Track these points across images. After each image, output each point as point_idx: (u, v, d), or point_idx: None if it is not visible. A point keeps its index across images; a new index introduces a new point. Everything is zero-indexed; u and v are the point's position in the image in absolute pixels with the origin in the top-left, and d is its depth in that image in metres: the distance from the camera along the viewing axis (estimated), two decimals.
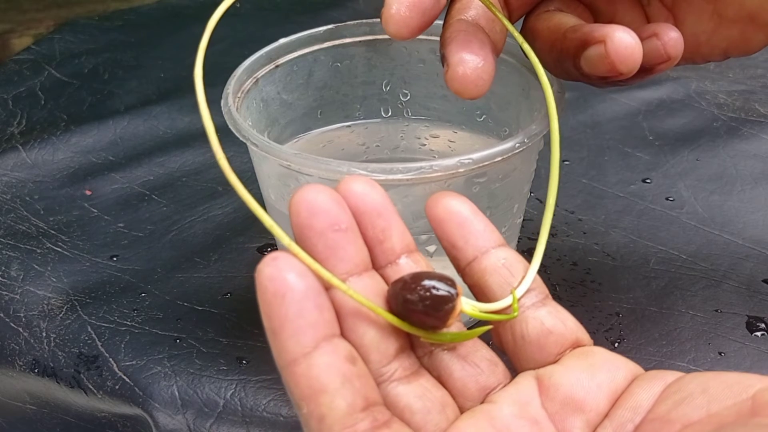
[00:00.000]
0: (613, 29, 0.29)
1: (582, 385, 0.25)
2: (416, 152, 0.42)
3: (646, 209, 0.46)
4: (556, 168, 0.30)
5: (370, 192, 0.25)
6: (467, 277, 0.27)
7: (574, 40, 0.31)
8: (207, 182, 0.49)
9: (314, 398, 0.22)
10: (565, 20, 0.33)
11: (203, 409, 0.35)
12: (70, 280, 0.42)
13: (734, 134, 0.52)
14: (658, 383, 0.24)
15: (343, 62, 0.40)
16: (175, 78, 0.62)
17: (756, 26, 0.32)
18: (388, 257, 0.25)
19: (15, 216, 0.47)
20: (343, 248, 0.24)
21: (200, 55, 0.25)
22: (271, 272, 0.22)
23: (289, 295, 0.22)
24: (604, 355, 0.26)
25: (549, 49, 0.33)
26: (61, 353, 0.38)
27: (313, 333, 0.22)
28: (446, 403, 0.25)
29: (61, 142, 0.53)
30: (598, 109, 0.55)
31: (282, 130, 0.39)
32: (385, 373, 0.24)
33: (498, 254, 0.26)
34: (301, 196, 0.23)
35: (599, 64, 0.30)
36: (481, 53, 0.30)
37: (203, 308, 0.40)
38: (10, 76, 0.62)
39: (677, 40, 0.31)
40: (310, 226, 0.23)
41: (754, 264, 0.41)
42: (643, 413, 0.24)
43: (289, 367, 0.22)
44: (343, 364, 0.22)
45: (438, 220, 0.26)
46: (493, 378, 0.26)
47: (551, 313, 0.26)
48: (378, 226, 0.25)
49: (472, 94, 0.30)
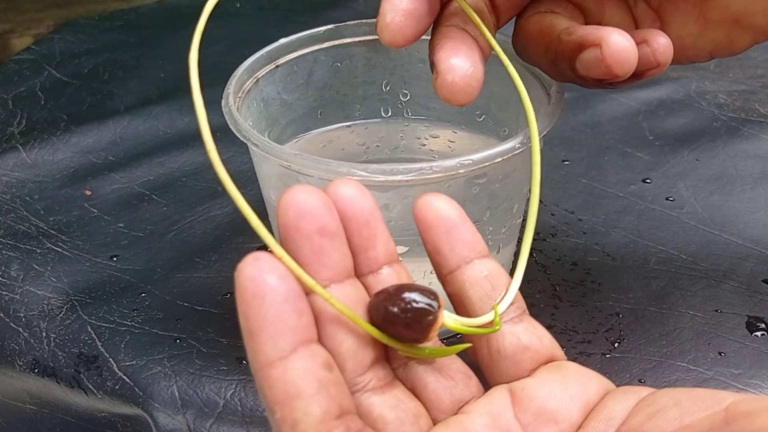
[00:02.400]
0: (609, 32, 0.29)
1: (555, 397, 0.25)
2: (416, 152, 0.42)
3: (646, 209, 0.46)
4: (536, 193, 0.29)
5: (360, 198, 0.24)
6: (448, 286, 0.27)
7: (569, 42, 0.31)
8: (207, 182, 0.49)
9: (289, 403, 0.21)
10: (557, 22, 0.32)
11: (203, 409, 0.35)
12: (70, 280, 0.42)
13: (734, 134, 0.52)
14: (631, 396, 0.24)
15: (343, 62, 0.40)
16: (175, 78, 0.62)
17: (741, 28, 0.32)
18: (371, 266, 0.25)
19: (15, 216, 0.47)
20: (328, 254, 0.24)
21: (193, 55, 0.25)
22: (252, 272, 0.22)
23: (269, 297, 0.22)
24: (577, 368, 0.26)
25: (544, 52, 0.32)
26: (61, 353, 0.38)
27: (291, 337, 0.22)
28: (420, 414, 0.25)
29: (61, 142, 0.53)
30: (598, 109, 0.55)
31: (282, 130, 0.39)
32: (359, 382, 0.24)
33: (482, 266, 0.26)
34: (291, 197, 0.23)
35: (595, 67, 0.30)
36: (470, 60, 0.30)
37: (203, 308, 0.40)
38: (10, 76, 0.62)
39: (667, 46, 0.31)
40: (297, 228, 0.23)
41: (754, 264, 0.41)
42: (616, 425, 0.24)
43: (264, 370, 0.22)
44: (319, 371, 0.22)
45: (426, 224, 0.26)
46: (467, 391, 0.25)
47: (528, 330, 0.26)
48: (364, 234, 0.25)
49: (461, 101, 0.30)
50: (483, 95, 0.40)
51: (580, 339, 0.37)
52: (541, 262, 0.27)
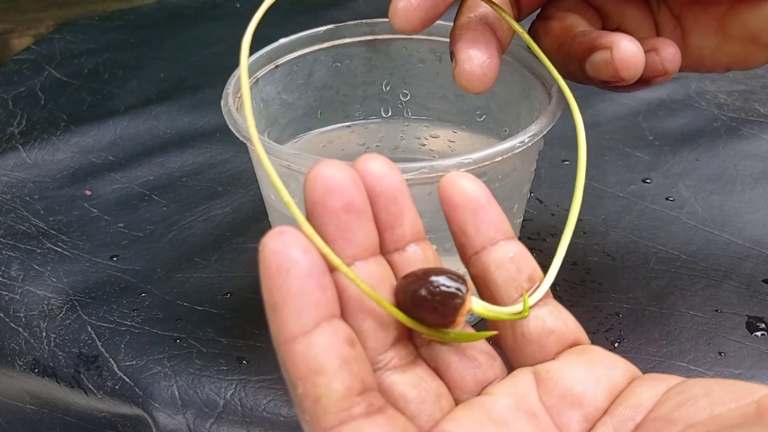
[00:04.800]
0: (620, 37, 0.31)
1: (580, 380, 0.24)
2: (416, 152, 0.42)
3: (646, 209, 0.46)
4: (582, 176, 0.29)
5: (389, 174, 0.24)
6: (472, 267, 0.26)
7: (582, 43, 0.32)
8: (207, 182, 0.49)
9: (311, 378, 0.21)
10: (576, 23, 0.34)
11: (203, 409, 0.35)
12: (70, 280, 0.42)
13: (734, 134, 0.52)
14: (660, 384, 0.24)
15: (343, 62, 0.40)
16: (175, 78, 0.61)
17: (758, 46, 0.33)
18: (397, 243, 0.25)
19: (15, 216, 0.47)
20: (353, 231, 0.23)
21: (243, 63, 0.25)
22: (276, 246, 0.21)
23: (294, 271, 0.21)
24: (603, 353, 0.26)
25: (556, 50, 0.34)
26: (61, 353, 0.38)
27: (315, 312, 0.22)
28: (441, 393, 0.24)
29: (61, 142, 0.53)
30: (598, 109, 0.55)
31: (282, 130, 0.39)
32: (381, 360, 0.24)
33: (507, 247, 0.26)
34: (319, 172, 0.23)
35: (603, 69, 0.31)
36: (488, 51, 0.32)
37: (203, 308, 0.40)
38: (10, 76, 0.62)
39: (674, 55, 0.33)
40: (323, 203, 0.23)
41: (754, 264, 0.41)
42: (644, 412, 0.23)
43: (287, 345, 0.22)
44: (342, 346, 0.22)
45: (451, 204, 0.25)
46: (490, 371, 0.25)
47: (553, 313, 0.26)
48: (392, 211, 0.24)
49: (477, 90, 0.32)
50: (483, 95, 0.40)
51: None
52: (541, 262, 0.27)
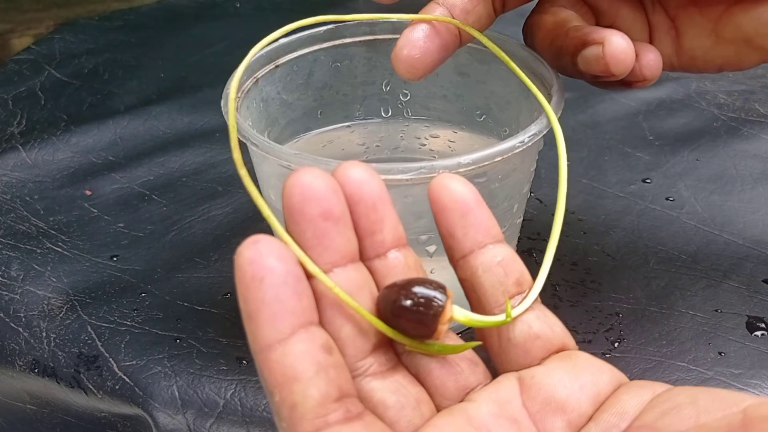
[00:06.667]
0: (612, 33, 0.31)
1: (564, 386, 0.24)
2: (416, 152, 0.42)
3: (646, 209, 0.46)
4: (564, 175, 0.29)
5: (368, 181, 0.24)
6: (460, 270, 0.26)
7: (574, 38, 0.32)
8: (207, 182, 0.49)
9: (287, 386, 0.21)
10: (570, 18, 0.34)
11: (203, 409, 0.35)
12: (70, 280, 0.42)
13: (734, 134, 0.52)
14: (646, 391, 0.24)
15: (343, 62, 0.40)
16: (175, 78, 0.61)
17: (750, 48, 0.34)
18: (377, 250, 0.25)
19: (15, 216, 0.47)
20: (331, 238, 0.23)
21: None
22: (251, 255, 0.22)
23: (268, 280, 0.21)
24: (589, 359, 0.25)
25: (549, 44, 0.34)
26: (61, 353, 0.38)
27: (290, 319, 0.22)
28: (422, 400, 0.24)
29: (61, 142, 0.53)
30: (598, 109, 0.55)
31: (282, 130, 0.39)
32: (360, 367, 0.24)
33: (495, 251, 0.26)
34: (296, 179, 0.23)
35: (594, 64, 0.32)
36: (425, 45, 0.33)
37: (203, 308, 0.40)
38: (10, 76, 0.62)
39: (655, 61, 0.33)
40: (300, 211, 0.23)
41: (754, 264, 0.41)
42: (629, 419, 0.23)
43: (264, 353, 0.22)
44: (318, 353, 0.22)
45: (440, 206, 0.26)
46: (472, 378, 0.25)
47: (539, 318, 0.26)
48: (371, 218, 0.24)
49: (405, 76, 0.33)
50: (483, 95, 0.40)
51: (580, 339, 0.37)
52: (541, 262, 0.27)
